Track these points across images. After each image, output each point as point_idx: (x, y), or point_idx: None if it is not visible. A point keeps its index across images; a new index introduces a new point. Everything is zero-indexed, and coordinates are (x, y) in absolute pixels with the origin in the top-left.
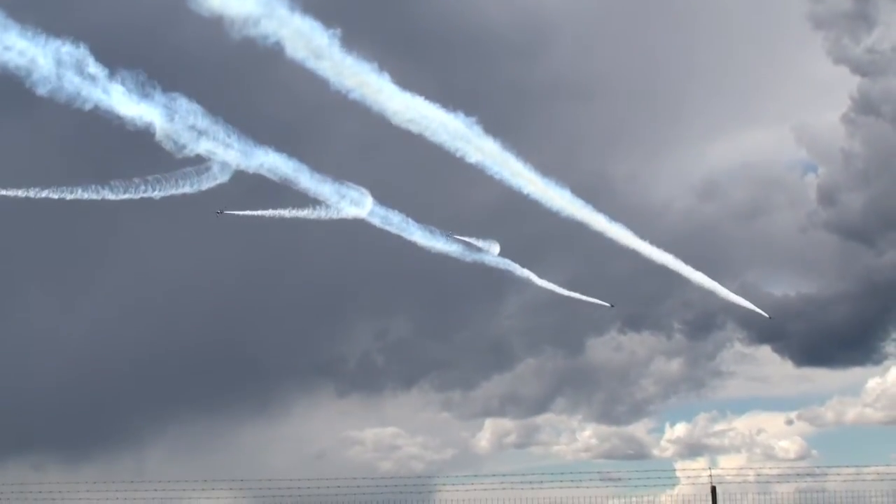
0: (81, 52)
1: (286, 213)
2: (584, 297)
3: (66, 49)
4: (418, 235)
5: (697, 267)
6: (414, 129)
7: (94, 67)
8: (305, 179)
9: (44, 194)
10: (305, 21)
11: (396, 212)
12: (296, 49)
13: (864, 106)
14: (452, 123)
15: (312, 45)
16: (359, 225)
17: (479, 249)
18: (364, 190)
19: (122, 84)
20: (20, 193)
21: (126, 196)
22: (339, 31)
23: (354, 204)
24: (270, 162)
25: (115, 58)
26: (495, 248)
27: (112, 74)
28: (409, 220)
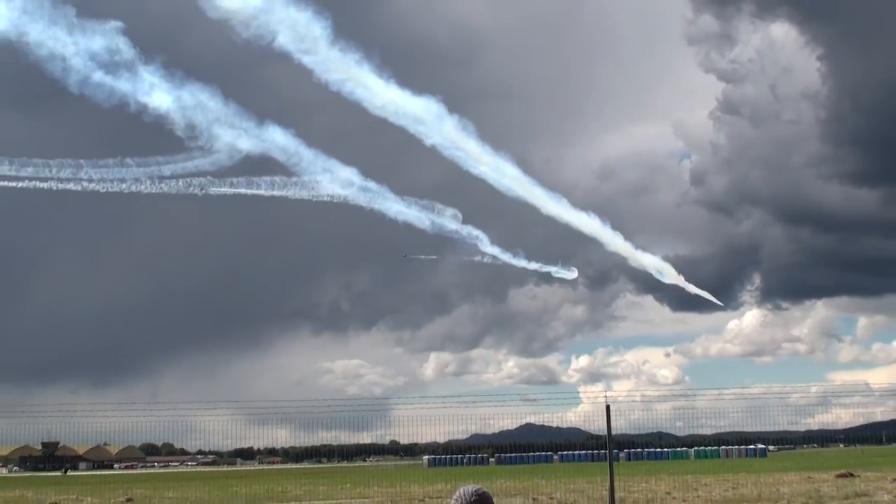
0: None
1: (274, 189)
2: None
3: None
4: (388, 205)
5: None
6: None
7: (126, 50)
8: (296, 157)
9: (72, 174)
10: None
11: (374, 183)
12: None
13: (728, 107)
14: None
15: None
16: (335, 201)
17: (442, 216)
18: (352, 169)
19: (150, 69)
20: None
21: (142, 171)
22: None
23: (341, 182)
24: (271, 142)
25: (145, 43)
26: (458, 216)
27: (142, 58)
28: (385, 189)
